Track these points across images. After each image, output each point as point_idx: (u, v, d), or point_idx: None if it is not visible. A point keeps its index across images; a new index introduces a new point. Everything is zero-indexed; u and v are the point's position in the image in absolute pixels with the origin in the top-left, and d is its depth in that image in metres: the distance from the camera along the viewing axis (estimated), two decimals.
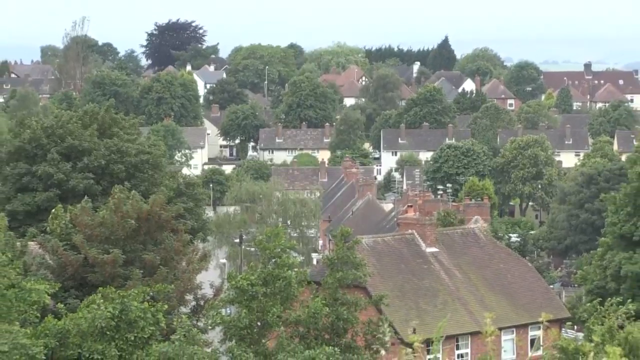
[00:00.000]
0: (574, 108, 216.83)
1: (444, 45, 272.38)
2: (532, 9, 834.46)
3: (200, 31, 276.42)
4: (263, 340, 36.25)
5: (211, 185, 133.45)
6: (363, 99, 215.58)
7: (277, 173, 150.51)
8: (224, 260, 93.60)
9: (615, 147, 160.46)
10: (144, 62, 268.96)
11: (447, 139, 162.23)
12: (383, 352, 40.73)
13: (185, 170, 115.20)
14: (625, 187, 65.71)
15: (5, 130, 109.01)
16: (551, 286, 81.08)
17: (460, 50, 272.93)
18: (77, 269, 47.68)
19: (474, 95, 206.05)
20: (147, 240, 51.17)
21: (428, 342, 14.53)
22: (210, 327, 39.47)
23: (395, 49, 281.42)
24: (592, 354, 7.19)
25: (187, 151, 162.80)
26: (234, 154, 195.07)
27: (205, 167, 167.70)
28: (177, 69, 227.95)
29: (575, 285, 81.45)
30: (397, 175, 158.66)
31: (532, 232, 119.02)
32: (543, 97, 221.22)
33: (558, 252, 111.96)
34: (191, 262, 54.49)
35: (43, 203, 66.61)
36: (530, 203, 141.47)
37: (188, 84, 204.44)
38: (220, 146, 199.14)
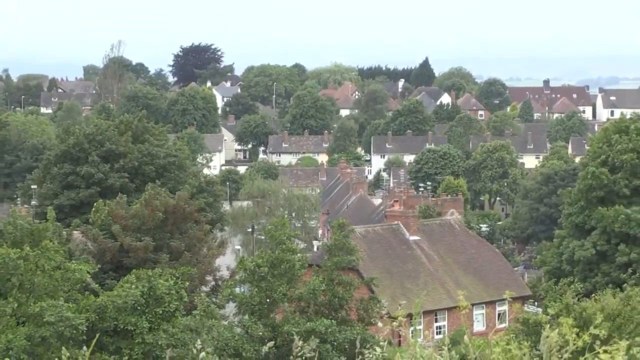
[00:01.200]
0: (535, 118, 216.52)
1: (425, 65, 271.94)
2: (500, 34, 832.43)
3: (219, 53, 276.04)
4: (271, 314, 36.48)
5: (227, 183, 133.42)
6: (356, 110, 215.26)
7: (283, 173, 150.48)
8: (239, 247, 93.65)
9: (570, 151, 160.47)
10: (171, 79, 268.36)
11: (427, 144, 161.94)
12: (380, 324, 40.75)
13: (205, 171, 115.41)
14: (579, 184, 65.97)
15: (53, 136, 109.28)
16: (515, 269, 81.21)
17: (438, 69, 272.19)
18: (114, 254, 47.98)
19: (449, 107, 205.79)
20: (174, 230, 51.46)
21: (411, 317, 14.87)
22: (226, 303, 39.73)
23: (383, 68, 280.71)
24: (547, 325, 7.51)
25: (207, 154, 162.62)
26: (247, 156, 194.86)
27: (223, 168, 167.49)
28: (199, 85, 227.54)
29: (536, 268, 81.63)
30: (384, 174, 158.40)
31: (499, 222, 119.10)
32: (508, 108, 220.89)
33: (521, 240, 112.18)
34: (211, 249, 54.83)
35: (85, 198, 66.86)
36: (498, 198, 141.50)
37: (208, 98, 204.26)
38: (236, 150, 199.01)
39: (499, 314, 60.16)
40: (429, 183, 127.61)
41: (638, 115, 72.02)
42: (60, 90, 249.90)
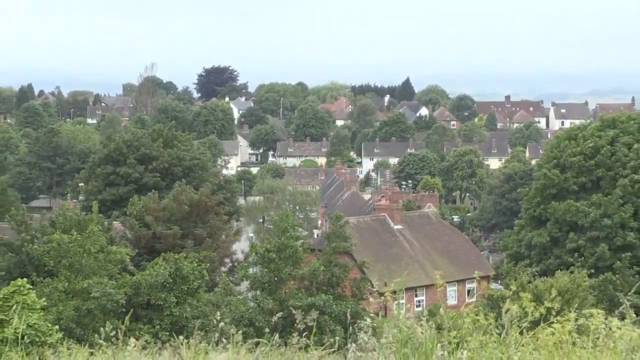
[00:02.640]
0: (498, 127, 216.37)
1: (406, 83, 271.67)
2: (469, 57, 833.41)
3: (235, 73, 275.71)
4: (278, 291, 36.47)
5: (242, 181, 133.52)
6: (349, 121, 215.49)
7: (288, 173, 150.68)
8: (252, 234, 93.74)
9: (527, 154, 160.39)
10: (195, 95, 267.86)
11: (408, 149, 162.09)
12: (372, 299, 40.65)
13: (224, 171, 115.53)
14: (535, 183, 66.01)
15: (97, 143, 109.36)
16: (482, 252, 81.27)
17: (418, 87, 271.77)
18: (148, 241, 47.98)
19: (427, 118, 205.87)
20: (197, 220, 51.45)
21: (395, 293, 14.85)
22: (240, 281, 39.73)
23: (372, 86, 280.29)
24: (509, 299, 7.52)
25: (225, 158, 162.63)
26: (259, 159, 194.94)
27: (238, 169, 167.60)
28: (219, 100, 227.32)
29: (499, 252, 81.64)
30: (373, 174, 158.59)
31: (468, 214, 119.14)
32: (476, 119, 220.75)
33: (486, 229, 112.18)
34: (228, 236, 54.81)
35: (124, 194, 66.82)
36: (467, 194, 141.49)
37: (226, 111, 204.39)
38: (249, 154, 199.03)
39: (468, 291, 60.25)
40: (410, 181, 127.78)
41: (584, 124, 71.89)
42: (103, 104, 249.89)
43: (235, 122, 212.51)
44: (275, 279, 36.42)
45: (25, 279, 28.52)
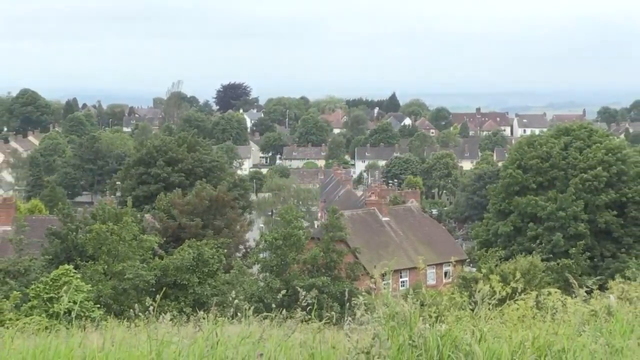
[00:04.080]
0: (470, 134, 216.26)
1: (393, 97, 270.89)
2: (446, 75, 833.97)
3: (248, 89, 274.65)
4: (284, 273, 36.51)
5: (254, 180, 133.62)
6: (344, 129, 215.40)
7: (293, 173, 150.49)
8: (262, 225, 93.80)
9: (494, 158, 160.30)
10: (214, 107, 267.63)
11: (394, 153, 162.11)
12: (366, 283, 40.54)
13: (238, 172, 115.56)
14: (501, 182, 66.00)
15: (132, 148, 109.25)
16: (456, 240, 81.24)
17: (402, 100, 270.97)
18: (174, 230, 47.94)
19: (410, 127, 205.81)
20: (216, 213, 51.42)
21: (384, 275, 14.81)
22: (252, 265, 39.79)
23: (364, 100, 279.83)
24: (480, 280, 7.54)
25: (239, 160, 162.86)
26: (268, 162, 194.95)
27: (250, 169, 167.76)
28: (234, 112, 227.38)
29: (471, 240, 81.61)
30: (365, 174, 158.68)
31: (445, 208, 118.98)
32: (451, 128, 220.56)
33: (460, 220, 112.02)
34: (242, 226, 54.81)
35: (154, 191, 66.83)
36: (444, 191, 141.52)
37: (240, 121, 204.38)
38: (260, 157, 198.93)
39: (445, 273, 60.29)
40: (395, 180, 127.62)
41: (543, 133, 71.91)
42: (136, 115, 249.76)
43: (248, 130, 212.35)
44: (282, 262, 36.49)
45: (70, 264, 28.60)
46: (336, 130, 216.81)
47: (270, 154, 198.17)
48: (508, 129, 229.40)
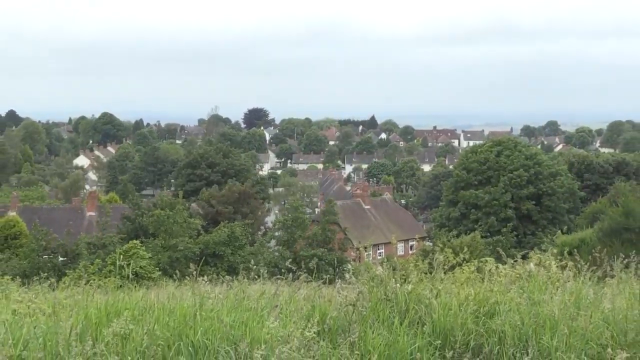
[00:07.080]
0: (429, 145, 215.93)
1: (372, 118, 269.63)
2: (410, 100, 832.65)
3: (267, 112, 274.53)
4: (293, 246, 36.46)
5: (271, 179, 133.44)
6: (337, 142, 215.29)
7: (300, 174, 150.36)
8: (277, 212, 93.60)
9: (447, 162, 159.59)
10: (242, 125, 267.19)
11: (374, 159, 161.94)
12: (352, 254, 40.54)
13: (259, 173, 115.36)
14: (451, 180, 65.91)
15: (182, 155, 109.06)
16: (419, 222, 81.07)
17: (380, 120, 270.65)
18: (213, 215, 47.96)
19: (385, 140, 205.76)
20: (243, 203, 51.43)
21: (366, 248, 14.82)
22: (270, 240, 39.75)
23: (351, 120, 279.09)
24: (437, 252, 7.51)
25: (260, 164, 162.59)
26: (282, 165, 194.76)
27: (269, 171, 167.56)
28: (257, 129, 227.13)
29: (430, 222, 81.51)
30: (352, 174, 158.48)
31: (410, 199, 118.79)
32: (415, 141, 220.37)
33: (422, 208, 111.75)
34: (262, 213, 54.82)
35: (198, 187, 66.90)
36: (410, 187, 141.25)
37: (261, 135, 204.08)
38: (275, 162, 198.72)
39: (411, 246, 60.36)
40: (375, 179, 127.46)
41: (481, 144, 71.75)
42: (185, 132, 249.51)
43: (267, 142, 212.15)
44: (291, 239, 36.45)
45: (137, 240, 28.52)
46: (331, 142, 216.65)
47: (283, 160, 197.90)
48: (456, 142, 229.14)
